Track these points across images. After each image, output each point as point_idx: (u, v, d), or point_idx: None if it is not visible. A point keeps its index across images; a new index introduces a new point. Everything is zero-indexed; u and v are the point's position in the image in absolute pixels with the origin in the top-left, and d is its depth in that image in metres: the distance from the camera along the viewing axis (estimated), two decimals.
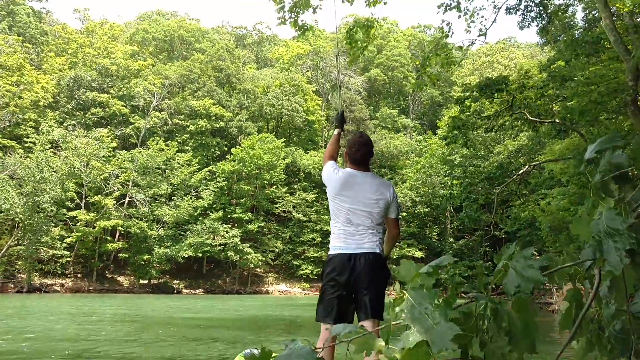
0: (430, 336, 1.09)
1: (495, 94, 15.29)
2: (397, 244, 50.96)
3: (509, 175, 20.27)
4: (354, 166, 3.91)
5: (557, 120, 14.67)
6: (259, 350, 4.23)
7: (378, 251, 3.74)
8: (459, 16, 12.22)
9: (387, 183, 3.98)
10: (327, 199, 4.15)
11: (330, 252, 3.78)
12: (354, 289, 3.64)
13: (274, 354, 1.13)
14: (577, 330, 1.35)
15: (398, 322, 1.20)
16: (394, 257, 50.37)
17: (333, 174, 3.91)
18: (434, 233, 51.85)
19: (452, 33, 12.00)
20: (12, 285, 35.61)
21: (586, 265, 1.42)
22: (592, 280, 1.48)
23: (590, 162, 1.43)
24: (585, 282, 1.57)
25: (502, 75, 15.54)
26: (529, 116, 14.81)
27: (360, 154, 3.90)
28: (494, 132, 17.28)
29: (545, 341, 9.30)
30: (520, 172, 17.58)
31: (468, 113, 15.88)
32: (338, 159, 4.26)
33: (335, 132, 4.49)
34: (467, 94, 15.51)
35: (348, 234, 3.74)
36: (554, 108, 15.09)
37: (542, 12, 15.11)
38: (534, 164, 18.11)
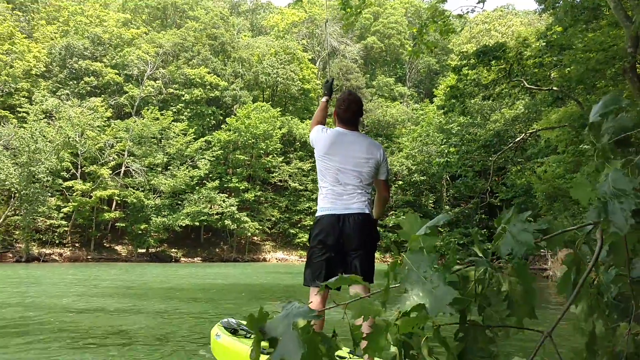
0: (428, 300, 1.09)
1: (493, 62, 15.15)
2: (393, 211, 51.39)
3: (505, 143, 20.26)
4: (343, 125, 3.82)
5: (554, 88, 14.60)
6: (236, 321, 4.18)
7: (367, 212, 3.65)
8: None
9: (377, 144, 3.92)
10: None
11: (318, 213, 3.68)
12: (343, 251, 3.57)
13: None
14: (577, 295, 1.35)
15: (395, 285, 1.20)
16: (390, 224, 50.77)
17: (321, 133, 3.83)
18: (430, 201, 52.14)
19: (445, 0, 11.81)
20: (10, 255, 35.79)
21: (586, 229, 1.41)
22: (591, 245, 1.47)
23: (593, 125, 1.41)
24: (583, 247, 1.57)
25: (499, 42, 15.39)
26: (526, 84, 14.73)
27: (350, 113, 3.79)
28: (492, 100, 17.19)
29: (542, 307, 9.43)
30: (517, 140, 17.56)
31: (465, 82, 15.77)
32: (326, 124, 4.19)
33: (323, 99, 4.38)
34: (465, 62, 15.37)
35: (336, 194, 3.63)
36: (552, 75, 15.00)
37: None
38: (530, 131, 18.09)
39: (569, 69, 12.84)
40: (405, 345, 1.18)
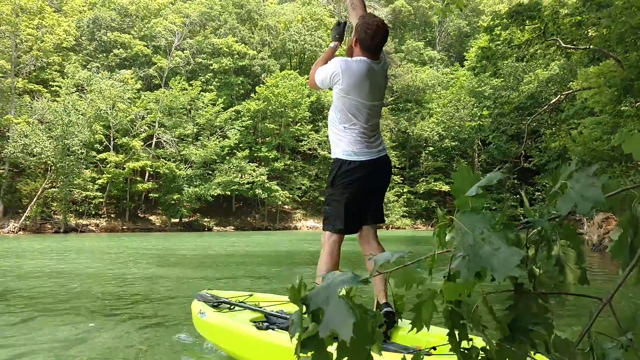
0: (490, 263, 0.99)
1: (527, 21, 14.64)
2: (424, 178, 50.90)
3: (539, 105, 19.68)
4: (369, 55, 3.40)
5: (593, 47, 14.05)
6: (211, 294, 4.04)
7: (386, 152, 3.55)
8: None
9: (387, 61, 3.60)
10: None
11: (349, 158, 3.39)
12: (372, 194, 3.53)
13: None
14: (639, 259, 1.26)
15: (444, 251, 1.13)
16: (421, 191, 50.43)
17: (350, 64, 3.36)
18: None
19: None
20: (49, 226, 36.76)
21: None
22: None
23: None
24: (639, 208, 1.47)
25: (534, 1, 14.81)
26: (562, 43, 14.20)
27: (377, 41, 3.37)
28: (525, 61, 16.65)
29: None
30: (552, 102, 17.04)
31: (498, 42, 15.29)
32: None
33: (332, 44, 3.90)
34: (497, 21, 14.88)
35: (367, 137, 3.41)
36: (590, 34, 14.43)
37: None
38: (566, 92, 17.52)
39: (608, 27, 12.30)
40: (454, 315, 1.11)
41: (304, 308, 0.99)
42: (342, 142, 3.44)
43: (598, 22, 13.51)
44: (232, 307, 4.37)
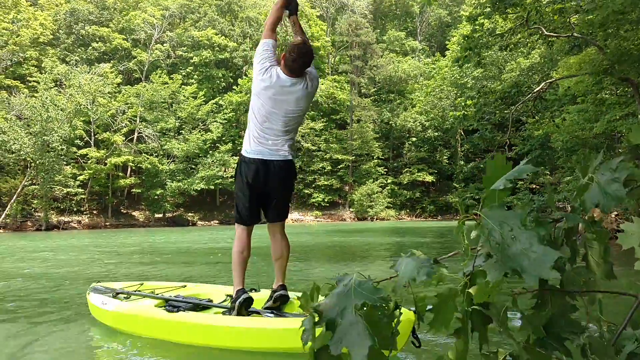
0: (521, 264, 0.89)
1: (509, 9, 14.61)
2: (407, 169, 51.03)
3: (523, 94, 19.74)
4: (289, 73, 3.71)
5: (575, 34, 14.07)
6: (105, 287, 4.35)
7: (291, 157, 3.81)
8: None
9: (315, 87, 3.85)
10: (335, 128, 4.11)
11: (247, 154, 3.77)
12: (268, 193, 3.84)
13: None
14: None
15: (472, 248, 1.03)
16: (404, 182, 50.58)
17: (269, 70, 3.71)
18: (445, 157, 51.69)
19: None
20: (30, 224, 36.25)
21: None
22: None
23: None
24: None
25: None
26: (545, 31, 14.20)
27: (298, 65, 3.69)
28: (509, 50, 16.64)
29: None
30: (536, 90, 17.08)
31: (481, 32, 15.25)
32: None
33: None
34: (480, 10, 14.82)
35: (263, 138, 3.73)
36: (572, 21, 14.45)
37: None
38: (550, 80, 17.57)
39: (591, 15, 12.31)
40: (476, 316, 1.01)
41: (316, 317, 0.90)
42: (246, 133, 3.84)
43: (580, 9, 13.53)
44: (128, 296, 4.78)
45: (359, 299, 0.91)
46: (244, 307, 3.71)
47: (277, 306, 3.82)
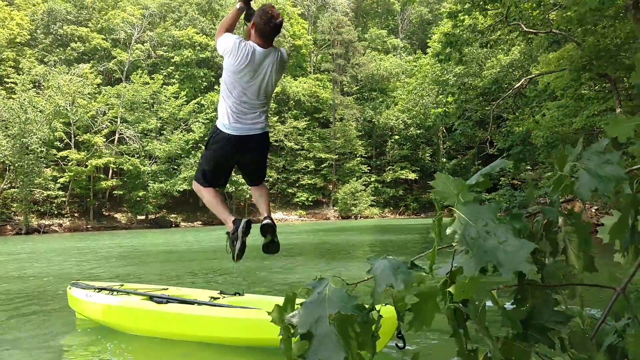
0: (497, 258, 0.87)
1: (489, 6, 14.69)
2: (390, 167, 51.15)
3: (504, 90, 19.87)
4: (261, 40, 3.66)
5: (554, 31, 14.19)
6: (86, 284, 4.41)
7: (267, 129, 3.81)
8: None
9: (285, 59, 3.85)
10: (318, 126, 4.10)
11: (226, 129, 3.68)
12: (245, 163, 3.91)
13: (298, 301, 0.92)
14: None
15: (445, 246, 1.00)
16: (388, 180, 50.73)
17: (237, 46, 3.60)
18: (427, 154, 51.94)
19: None
20: (9, 228, 35.70)
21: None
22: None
23: None
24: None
25: None
26: (524, 27, 14.30)
27: (270, 27, 3.62)
28: (489, 47, 16.74)
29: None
30: (516, 87, 17.21)
31: (462, 28, 15.32)
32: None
33: (237, 5, 3.97)
34: (460, 6, 14.88)
35: (240, 113, 3.67)
36: (551, 17, 14.57)
37: None
38: (529, 77, 17.70)
39: (569, 12, 12.42)
40: (459, 315, 0.98)
41: (291, 330, 0.86)
42: (220, 111, 3.74)
43: (558, 5, 13.65)
44: (112, 292, 4.73)
45: (332, 308, 0.89)
46: (246, 233, 3.74)
47: (271, 240, 3.79)
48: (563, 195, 1.13)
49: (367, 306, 0.92)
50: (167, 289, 5.23)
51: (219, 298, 4.57)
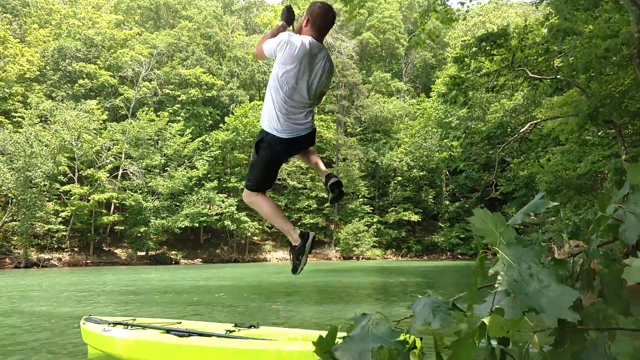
0: (539, 303, 0.83)
1: (494, 51, 14.90)
2: (393, 207, 51.06)
3: (508, 135, 19.97)
4: (316, 34, 3.56)
5: (559, 77, 14.35)
6: (100, 319, 4.36)
7: (315, 127, 3.74)
8: None
9: (332, 62, 3.76)
10: None
11: (278, 133, 3.53)
12: (293, 154, 3.86)
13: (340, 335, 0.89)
14: None
15: (487, 285, 0.95)
16: (390, 221, 50.53)
17: (294, 36, 3.48)
18: (430, 196, 51.88)
19: None
20: (8, 261, 35.45)
21: None
22: None
23: None
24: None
25: (501, 28, 15.10)
26: (529, 73, 14.47)
27: (328, 19, 3.58)
28: (495, 91, 16.92)
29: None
30: (522, 131, 17.30)
31: (467, 71, 15.51)
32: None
33: (280, 23, 3.87)
34: (466, 51, 15.10)
35: (291, 113, 3.53)
36: (556, 64, 14.75)
37: None
38: (534, 122, 17.82)
39: (574, 57, 12.59)
40: (502, 355, 0.93)
41: None
42: (268, 115, 3.58)
43: (564, 52, 13.84)
44: (128, 326, 4.69)
45: (376, 342, 0.86)
46: (311, 247, 3.69)
47: (338, 194, 3.74)
48: (603, 237, 1.09)
49: (409, 341, 0.88)
50: (181, 322, 5.19)
51: (234, 331, 4.56)
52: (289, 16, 3.90)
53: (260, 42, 3.73)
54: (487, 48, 13.98)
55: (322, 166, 3.96)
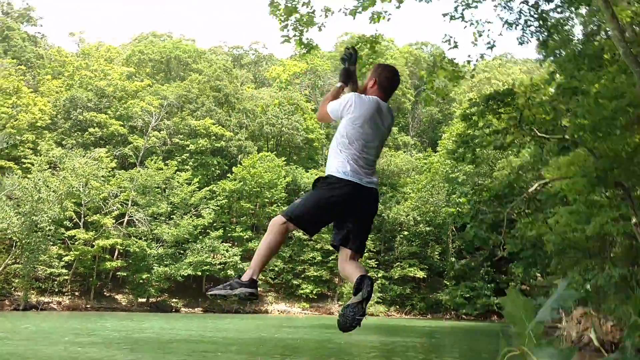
0: None
1: (502, 110, 15.02)
2: (398, 262, 50.44)
3: (516, 194, 19.88)
4: (383, 95, 3.74)
5: (566, 137, 14.40)
6: None
7: (377, 187, 3.75)
8: (465, 27, 12.00)
9: (394, 118, 3.88)
10: None
11: (345, 176, 3.52)
12: (354, 218, 3.66)
13: None
14: None
15: None
16: (396, 277, 49.78)
17: (362, 97, 3.64)
18: (436, 252, 51.22)
19: (456, 45, 11.80)
20: (7, 303, 35.13)
21: None
22: None
23: None
24: None
25: (508, 87, 15.28)
26: (537, 132, 14.54)
27: (395, 81, 3.82)
28: (503, 149, 16.96)
29: None
30: (530, 190, 17.24)
31: (476, 129, 15.60)
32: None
33: (338, 85, 4.02)
34: (474, 109, 15.25)
35: (360, 165, 3.57)
36: (563, 123, 14.83)
37: (542, 26, 14.90)
38: (543, 181, 17.78)
39: (581, 117, 12.66)
40: None
41: None
42: (337, 160, 3.61)
43: (571, 111, 13.92)
44: None
45: None
46: (245, 300, 3.51)
47: (362, 300, 3.40)
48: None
49: None
50: None
51: None
52: (346, 78, 4.05)
53: (323, 104, 3.87)
54: (494, 107, 14.11)
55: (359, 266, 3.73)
